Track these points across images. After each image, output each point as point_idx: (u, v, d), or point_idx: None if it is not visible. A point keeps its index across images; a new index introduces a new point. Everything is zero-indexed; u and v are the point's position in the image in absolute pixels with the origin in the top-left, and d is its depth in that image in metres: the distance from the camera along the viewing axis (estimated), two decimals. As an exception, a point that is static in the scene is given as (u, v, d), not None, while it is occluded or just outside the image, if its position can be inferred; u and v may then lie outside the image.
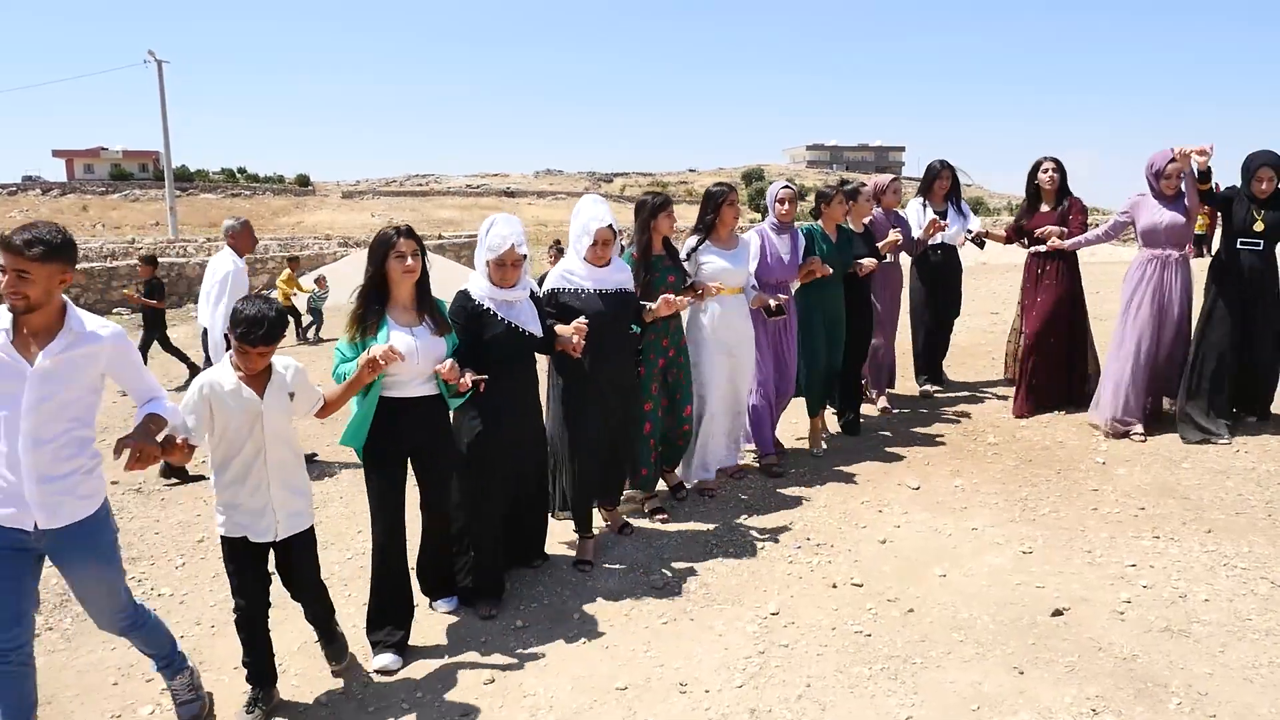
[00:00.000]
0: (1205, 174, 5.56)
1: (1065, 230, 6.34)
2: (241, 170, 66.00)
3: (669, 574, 4.24)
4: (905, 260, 7.07)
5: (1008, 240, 6.86)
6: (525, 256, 3.80)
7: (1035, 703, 3.08)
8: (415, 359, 3.44)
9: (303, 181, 63.56)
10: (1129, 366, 5.84)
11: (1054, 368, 6.51)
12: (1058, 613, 3.69)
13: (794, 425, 6.36)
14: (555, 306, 4.16)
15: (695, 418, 5.16)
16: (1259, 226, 5.59)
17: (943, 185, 7.02)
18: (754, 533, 4.71)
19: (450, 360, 3.48)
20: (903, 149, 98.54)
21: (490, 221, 3.80)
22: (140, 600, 3.08)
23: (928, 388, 7.35)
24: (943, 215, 6.90)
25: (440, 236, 26.07)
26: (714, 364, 5.15)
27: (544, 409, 4.24)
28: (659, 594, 4.05)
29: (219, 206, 53.09)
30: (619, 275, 4.30)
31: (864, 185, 6.32)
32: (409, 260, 3.45)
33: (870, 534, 4.64)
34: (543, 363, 4.15)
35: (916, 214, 7.03)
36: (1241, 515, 4.61)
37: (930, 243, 6.85)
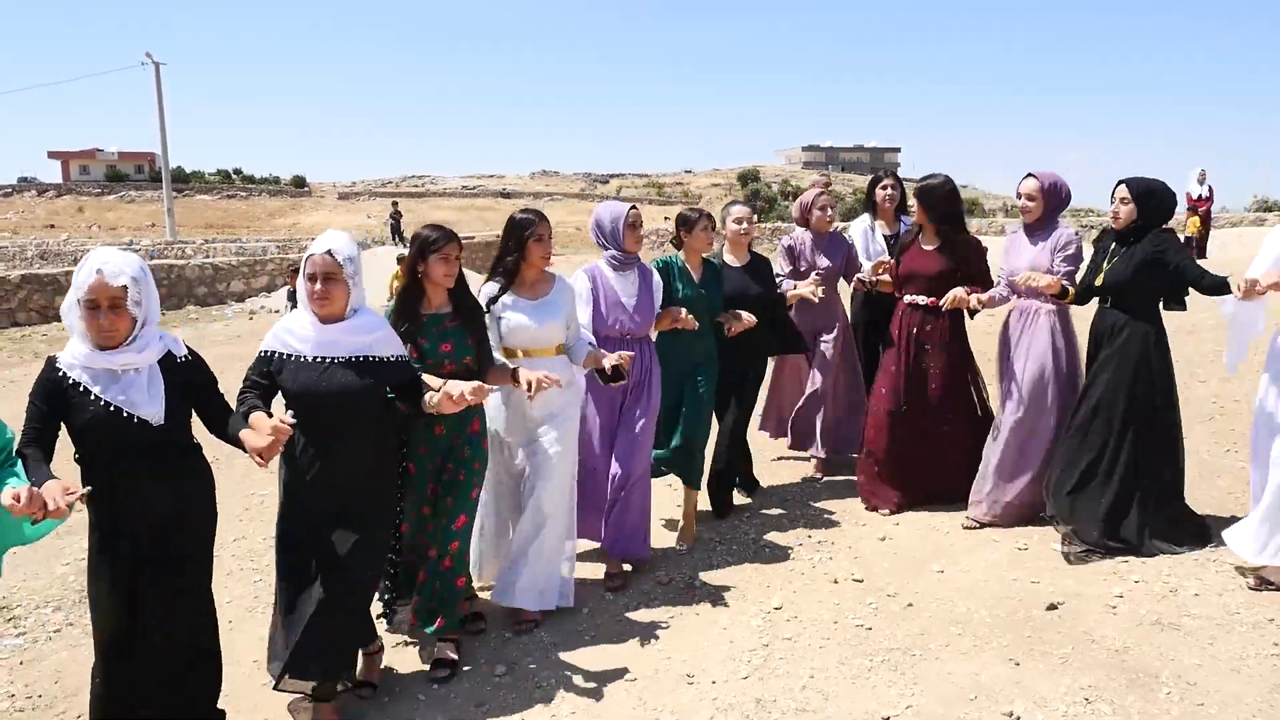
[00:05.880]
0: (1061, 293, 4.33)
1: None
2: (237, 171, 65.84)
3: (675, 571, 4.35)
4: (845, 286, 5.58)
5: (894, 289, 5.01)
6: (129, 286, 2.57)
7: (1030, 692, 3.20)
8: None
9: (299, 182, 63.42)
10: (997, 451, 4.64)
11: (936, 454, 4.92)
12: (1052, 607, 3.80)
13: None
14: (268, 379, 2.97)
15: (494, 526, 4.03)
16: (1097, 281, 4.30)
17: (891, 199, 5.55)
18: (756, 532, 4.82)
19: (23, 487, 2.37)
20: (898, 150, 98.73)
21: (85, 260, 2.62)
22: None
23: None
24: (894, 238, 5.43)
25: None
26: (517, 450, 3.88)
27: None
28: (665, 590, 4.16)
29: (215, 208, 53.11)
30: (359, 337, 3.00)
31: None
32: None
33: (870, 531, 4.76)
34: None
35: (864, 237, 5.62)
36: (1232, 513, 4.73)
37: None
